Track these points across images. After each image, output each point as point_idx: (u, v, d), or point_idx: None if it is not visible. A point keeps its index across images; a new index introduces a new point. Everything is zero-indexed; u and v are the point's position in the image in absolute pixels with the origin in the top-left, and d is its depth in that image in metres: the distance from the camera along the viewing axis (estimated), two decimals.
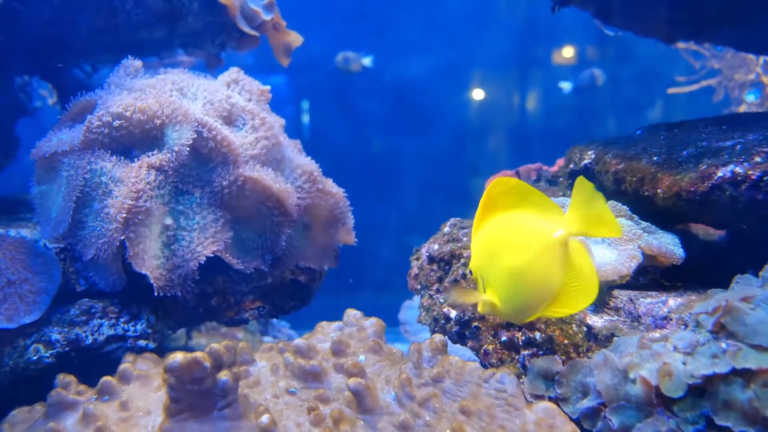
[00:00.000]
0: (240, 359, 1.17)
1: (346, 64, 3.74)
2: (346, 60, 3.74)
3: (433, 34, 4.79)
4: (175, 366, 0.91)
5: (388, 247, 4.32)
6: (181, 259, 1.37)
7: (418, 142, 4.72)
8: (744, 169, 1.12)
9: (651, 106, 4.61)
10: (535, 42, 4.75)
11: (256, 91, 1.67)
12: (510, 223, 0.97)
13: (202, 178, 1.44)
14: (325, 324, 1.26)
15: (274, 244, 1.53)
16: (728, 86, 3.58)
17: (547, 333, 1.17)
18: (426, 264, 1.56)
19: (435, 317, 1.43)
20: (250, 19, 2.12)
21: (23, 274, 1.31)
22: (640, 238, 1.20)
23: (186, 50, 2.27)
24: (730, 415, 0.87)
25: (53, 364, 1.31)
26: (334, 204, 1.66)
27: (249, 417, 0.98)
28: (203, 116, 1.44)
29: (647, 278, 1.26)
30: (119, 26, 1.83)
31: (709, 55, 3.57)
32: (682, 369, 0.92)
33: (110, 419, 1.04)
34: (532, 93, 4.75)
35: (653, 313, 1.13)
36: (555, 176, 1.92)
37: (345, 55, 3.76)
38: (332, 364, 1.14)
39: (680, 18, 1.84)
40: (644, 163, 1.32)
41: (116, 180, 1.33)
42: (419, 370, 1.10)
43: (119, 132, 1.38)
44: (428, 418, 1.01)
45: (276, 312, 1.75)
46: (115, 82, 1.52)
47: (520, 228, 0.96)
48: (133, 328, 1.39)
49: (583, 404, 1.02)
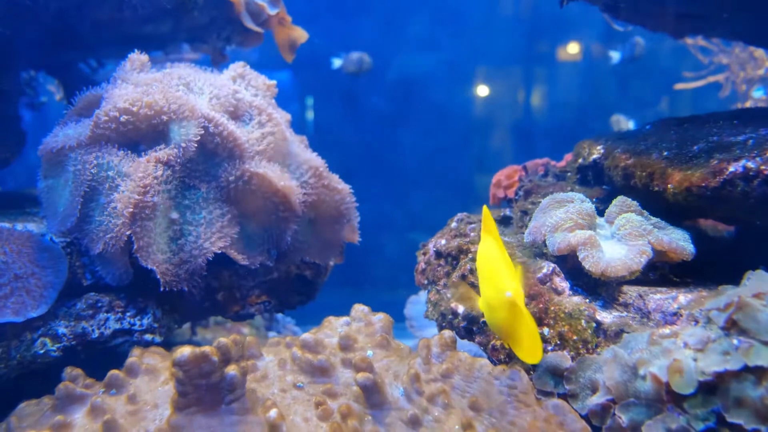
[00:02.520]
0: (247, 353, 1.17)
1: (359, 65, 3.66)
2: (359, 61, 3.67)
3: (439, 30, 4.77)
4: (183, 360, 0.90)
5: (393, 243, 4.31)
6: (188, 255, 1.37)
7: (423, 137, 4.71)
8: (756, 164, 1.11)
9: (657, 102, 4.59)
10: (541, 37, 4.73)
11: (262, 86, 1.67)
12: (495, 259, 1.10)
13: (209, 173, 1.44)
14: (332, 319, 1.26)
15: (279, 239, 1.53)
16: (736, 82, 3.56)
17: (556, 329, 1.16)
18: (433, 259, 1.56)
19: (442, 312, 1.42)
20: (255, 15, 2.11)
21: (30, 269, 1.31)
22: (650, 234, 1.19)
23: (191, 45, 2.27)
24: (742, 413, 0.86)
25: (60, 357, 1.31)
26: (340, 200, 1.66)
27: (256, 411, 0.97)
28: (210, 111, 1.43)
29: (657, 274, 1.25)
30: (125, 20, 1.82)
31: (717, 51, 3.55)
32: (692, 366, 0.92)
33: (118, 412, 1.04)
34: (537, 88, 4.73)
35: (663, 309, 1.12)
36: (563, 171, 1.91)
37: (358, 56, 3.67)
38: (340, 359, 1.13)
39: (689, 12, 1.82)
40: (654, 158, 1.31)
41: (123, 175, 1.33)
42: (428, 366, 1.09)
43: (126, 127, 1.38)
44: (437, 413, 1.00)
45: (282, 307, 1.75)
46: (121, 76, 1.52)
47: (497, 270, 1.09)
48: (139, 322, 1.39)
49: (592, 401, 1.01)
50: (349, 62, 3.65)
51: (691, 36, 3.27)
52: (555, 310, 1.18)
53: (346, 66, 3.66)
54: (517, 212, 1.70)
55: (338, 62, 3.67)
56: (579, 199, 1.32)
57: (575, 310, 1.16)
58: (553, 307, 1.19)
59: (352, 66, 3.64)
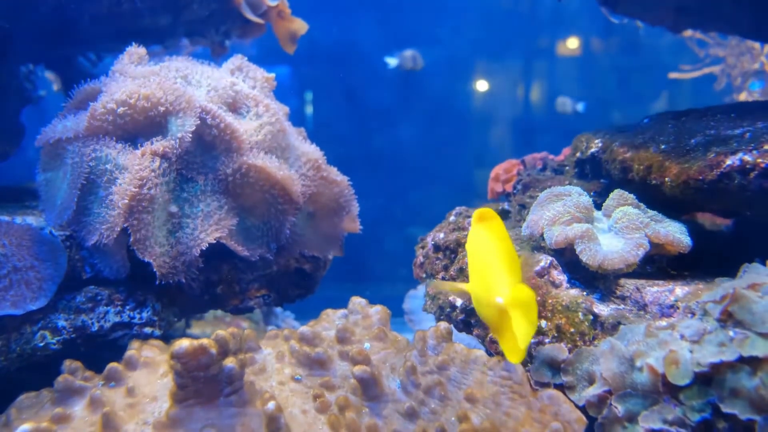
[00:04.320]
0: (246, 346, 1.17)
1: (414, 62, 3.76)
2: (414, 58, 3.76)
3: (438, 24, 4.76)
4: (181, 352, 0.91)
5: (392, 238, 4.31)
6: (185, 246, 1.37)
7: (422, 132, 4.70)
8: (753, 157, 1.11)
9: (655, 96, 4.58)
10: (539, 32, 4.72)
11: (260, 78, 1.66)
12: (486, 256, 1.02)
13: (207, 165, 1.44)
14: (330, 312, 1.26)
15: (278, 232, 1.53)
16: (731, 74, 3.55)
17: (553, 321, 1.17)
18: (431, 252, 1.56)
19: (441, 305, 1.43)
20: (254, 6, 2.11)
21: (29, 261, 1.31)
22: (647, 227, 1.20)
23: (190, 38, 2.26)
24: (737, 403, 0.87)
25: (59, 350, 1.31)
26: (339, 192, 1.66)
27: (255, 404, 0.98)
28: (207, 103, 1.43)
29: (654, 267, 1.26)
30: (124, 13, 1.82)
31: (713, 43, 3.54)
32: (689, 357, 0.92)
33: (117, 405, 1.04)
34: (536, 83, 4.73)
35: (660, 302, 1.12)
36: (561, 165, 1.91)
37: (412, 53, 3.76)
38: (337, 352, 1.14)
39: (687, 5, 1.82)
40: (652, 152, 1.31)
41: (121, 167, 1.33)
42: (424, 358, 1.10)
43: (124, 119, 1.38)
44: (433, 405, 1.01)
45: (281, 300, 1.75)
46: (119, 69, 1.52)
47: (489, 264, 1.01)
48: (138, 315, 1.40)
49: (589, 392, 1.02)
50: (405, 60, 3.81)
51: (689, 29, 3.26)
52: (552, 303, 1.19)
53: (404, 63, 3.79)
54: (515, 206, 1.71)
55: (393, 61, 3.80)
56: (576, 192, 1.33)
57: (573, 303, 1.17)
58: (550, 299, 1.19)
59: (409, 63, 3.78)
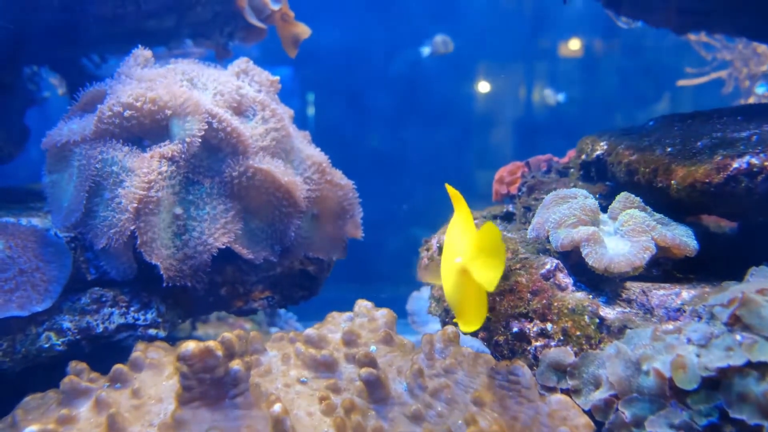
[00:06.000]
0: (251, 348, 1.17)
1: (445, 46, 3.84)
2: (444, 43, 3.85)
3: (441, 26, 4.76)
4: (187, 354, 0.91)
5: (395, 240, 4.31)
6: (192, 250, 1.37)
7: (425, 134, 4.70)
8: (760, 160, 1.11)
9: (659, 98, 4.58)
10: (542, 34, 4.72)
11: (265, 82, 1.67)
12: (453, 233, 1.08)
13: (213, 169, 1.44)
14: (336, 314, 1.26)
15: (283, 234, 1.53)
16: (739, 78, 3.54)
17: (559, 325, 1.17)
18: (436, 254, 1.56)
19: (446, 308, 1.43)
20: (258, 10, 2.11)
21: (35, 263, 1.32)
22: (653, 230, 1.19)
23: (194, 40, 2.27)
24: (745, 408, 0.86)
25: (64, 351, 1.32)
26: (343, 195, 1.66)
27: (260, 406, 0.98)
28: (214, 107, 1.43)
29: (660, 270, 1.25)
30: (128, 15, 1.82)
31: (720, 46, 3.53)
32: (696, 361, 0.92)
33: (123, 406, 1.04)
34: (539, 85, 4.73)
35: (666, 305, 1.12)
36: (566, 167, 1.91)
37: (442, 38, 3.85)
38: (343, 354, 1.14)
39: (692, 7, 1.82)
40: (658, 154, 1.31)
41: (128, 170, 1.33)
42: (431, 361, 1.10)
43: (130, 122, 1.38)
44: (440, 408, 1.01)
45: (285, 302, 1.75)
46: (125, 72, 1.52)
47: (452, 241, 1.06)
48: (143, 316, 1.40)
49: (595, 396, 1.01)
50: (437, 45, 3.98)
51: (694, 32, 3.26)
52: (558, 306, 1.18)
53: (437, 49, 3.97)
54: (520, 208, 1.70)
55: (427, 50, 3.95)
56: (582, 195, 1.32)
57: (578, 306, 1.16)
58: (556, 302, 1.19)
59: (441, 47, 3.96)
